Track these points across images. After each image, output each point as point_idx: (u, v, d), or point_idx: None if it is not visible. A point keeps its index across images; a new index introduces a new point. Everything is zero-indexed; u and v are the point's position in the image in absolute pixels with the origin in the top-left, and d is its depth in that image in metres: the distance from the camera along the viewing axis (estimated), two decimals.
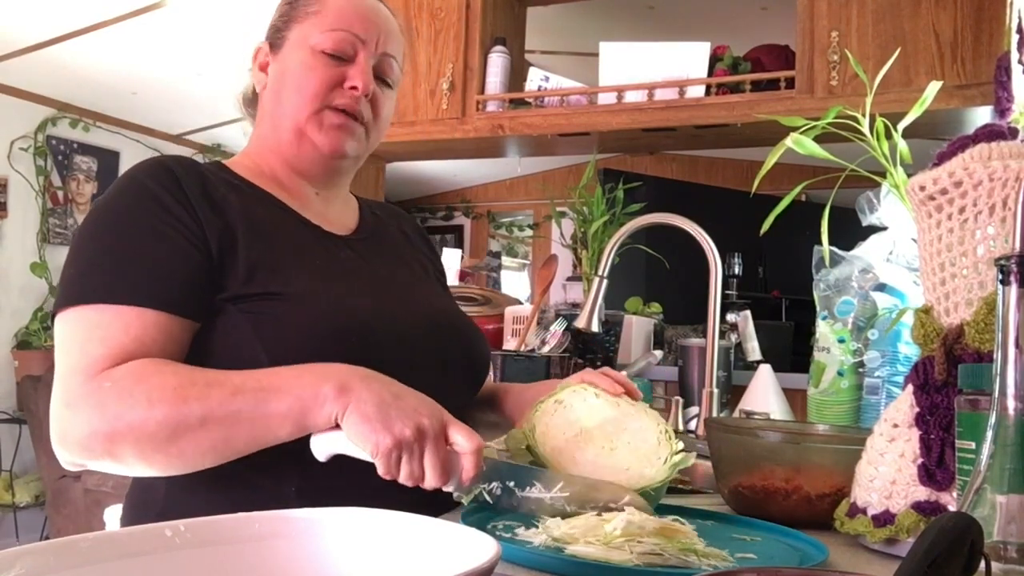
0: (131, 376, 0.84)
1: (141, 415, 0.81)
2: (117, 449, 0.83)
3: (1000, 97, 1.68)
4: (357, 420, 0.80)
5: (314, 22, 1.05)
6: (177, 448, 0.83)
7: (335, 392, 0.81)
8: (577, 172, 4.62)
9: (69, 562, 0.51)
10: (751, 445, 1.03)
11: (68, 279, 0.92)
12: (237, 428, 0.82)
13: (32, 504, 4.23)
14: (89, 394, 0.83)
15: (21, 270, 4.41)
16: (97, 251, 0.93)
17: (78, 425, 0.83)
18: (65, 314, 0.89)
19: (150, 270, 0.91)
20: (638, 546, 0.75)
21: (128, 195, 0.96)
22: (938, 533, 0.42)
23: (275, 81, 1.07)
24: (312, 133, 1.05)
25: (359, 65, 1.05)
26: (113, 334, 0.87)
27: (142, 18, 3.47)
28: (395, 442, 0.79)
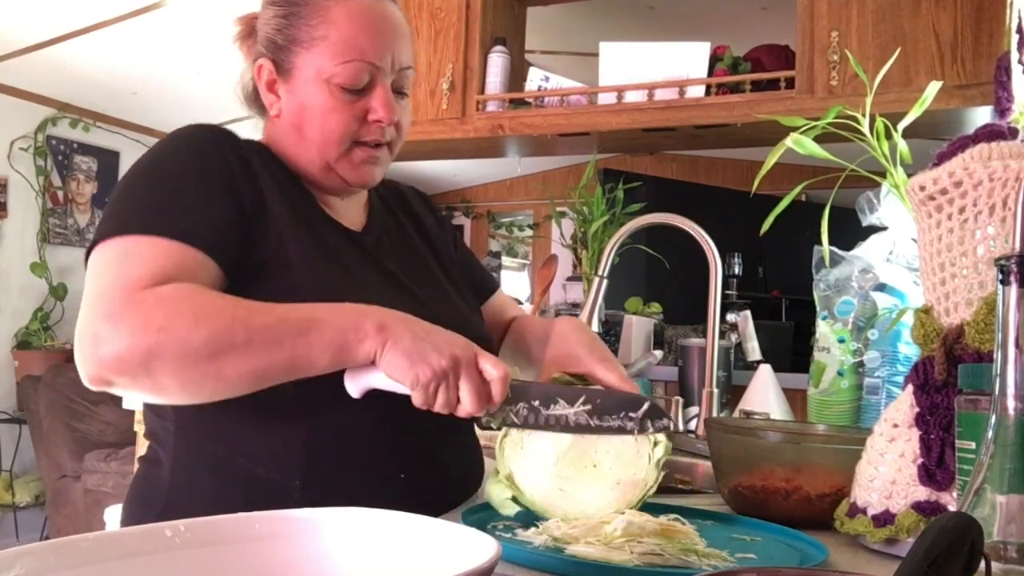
0: (177, 293, 0.84)
1: (186, 330, 0.81)
2: (155, 365, 0.81)
3: (1000, 97, 1.68)
4: (396, 356, 0.84)
5: (324, 51, 1.00)
6: (216, 368, 0.82)
7: (374, 330, 0.84)
8: (577, 172, 4.62)
9: (69, 562, 0.51)
10: (751, 445, 1.03)
11: (107, 216, 0.91)
12: (278, 353, 0.83)
13: (32, 504, 4.23)
14: (133, 307, 0.82)
15: (21, 270, 4.41)
16: (138, 190, 0.93)
17: (117, 337, 0.81)
18: (103, 245, 0.88)
19: (189, 209, 0.91)
20: (638, 546, 0.75)
21: (171, 145, 0.97)
22: (938, 533, 0.42)
23: (292, 115, 1.03)
24: (341, 170, 1.03)
25: (380, 96, 1.02)
26: (153, 259, 0.86)
27: (142, 18, 3.47)
28: (433, 373, 0.83)
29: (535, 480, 0.88)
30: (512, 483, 0.89)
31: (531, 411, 0.88)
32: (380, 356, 0.84)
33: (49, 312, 4.49)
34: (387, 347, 0.84)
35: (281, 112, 1.05)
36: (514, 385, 0.89)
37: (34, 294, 4.46)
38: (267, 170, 1.00)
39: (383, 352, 0.84)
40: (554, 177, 6.07)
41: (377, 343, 0.84)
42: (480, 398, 0.86)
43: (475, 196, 6.74)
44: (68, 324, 4.54)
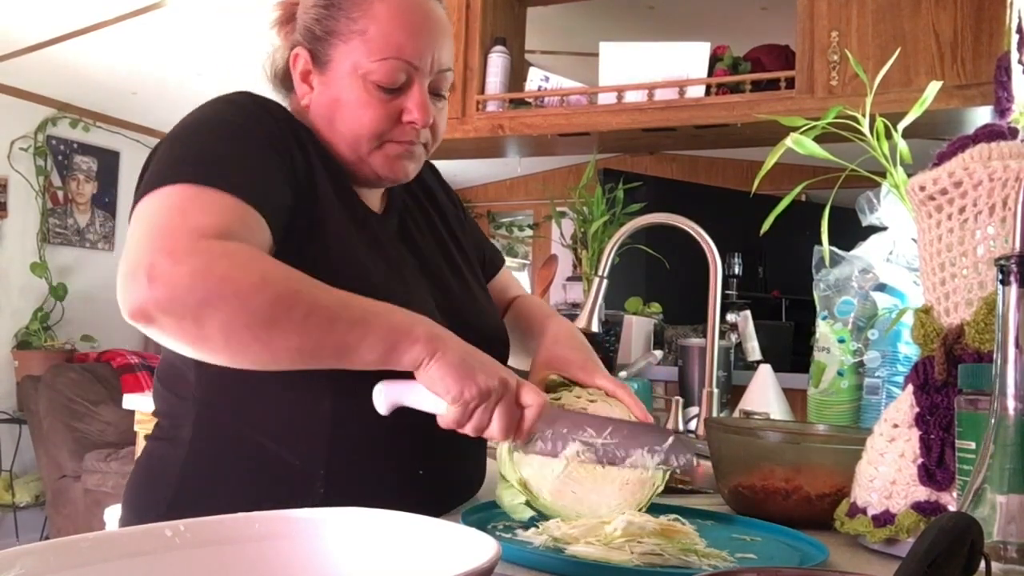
0: (246, 252, 0.81)
1: (250, 286, 0.78)
2: (207, 313, 0.77)
3: (1000, 97, 1.68)
4: (444, 368, 0.83)
5: (362, 45, 0.97)
6: (268, 334, 0.79)
7: (426, 338, 0.83)
8: (577, 172, 4.62)
9: (69, 562, 0.51)
10: (751, 445, 1.03)
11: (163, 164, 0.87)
12: (331, 336, 0.81)
13: (32, 504, 4.23)
14: (201, 250, 0.78)
15: (21, 270, 4.41)
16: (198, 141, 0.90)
17: (178, 275, 0.76)
18: (157, 192, 0.84)
19: (251, 171, 0.88)
20: (638, 546, 0.75)
21: (228, 107, 0.94)
22: (938, 533, 0.42)
23: (324, 106, 1.01)
24: (374, 163, 1.01)
25: (415, 97, 0.99)
26: (218, 210, 0.83)
27: (142, 18, 3.47)
28: (479, 391, 0.83)
29: (547, 483, 0.89)
30: (526, 488, 0.89)
31: (558, 439, 0.89)
32: (427, 364, 0.83)
33: (49, 312, 4.49)
34: (436, 357, 0.83)
35: (312, 103, 1.02)
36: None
37: (34, 294, 4.46)
38: (314, 147, 0.99)
39: (431, 361, 0.83)
40: (554, 177, 6.07)
41: (427, 351, 0.83)
42: (511, 428, 0.86)
43: (475, 196, 6.74)
44: (68, 324, 4.54)
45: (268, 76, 1.10)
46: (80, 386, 3.99)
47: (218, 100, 0.96)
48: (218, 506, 0.65)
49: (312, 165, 0.96)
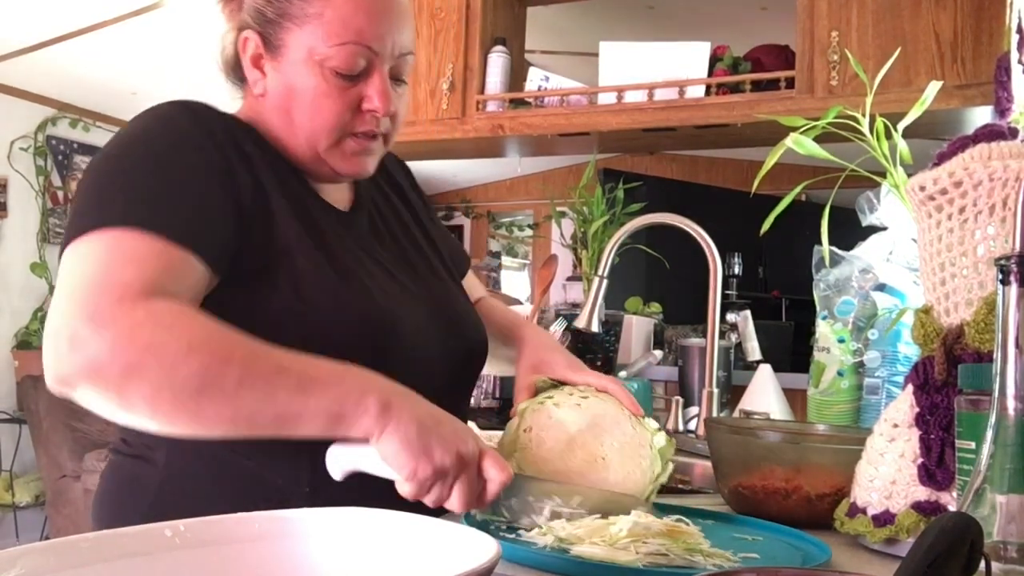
0: (171, 313, 0.76)
1: (175, 356, 0.73)
2: (131, 385, 0.73)
3: (1000, 97, 1.68)
4: (397, 444, 0.76)
5: (317, 30, 0.91)
6: (197, 405, 0.74)
7: (377, 408, 0.76)
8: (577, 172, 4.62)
9: (69, 562, 0.51)
10: (751, 445, 1.03)
11: (88, 207, 0.83)
12: (267, 407, 0.76)
13: (32, 504, 4.23)
14: (122, 315, 0.74)
15: (21, 270, 4.41)
16: (124, 179, 0.84)
17: (99, 344, 0.73)
18: (82, 239, 0.79)
19: (184, 206, 0.83)
20: (643, 547, 0.75)
21: (156, 129, 0.88)
22: (938, 533, 0.42)
23: (279, 96, 0.95)
24: (332, 160, 0.96)
25: (376, 84, 0.94)
26: (142, 259, 0.78)
27: (142, 18, 3.47)
28: (434, 471, 0.76)
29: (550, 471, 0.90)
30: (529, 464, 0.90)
31: (523, 506, 0.85)
32: (378, 438, 0.77)
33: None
34: (388, 430, 0.76)
35: (266, 91, 0.96)
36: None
37: (34, 294, 4.46)
38: (262, 155, 0.93)
39: (381, 435, 0.77)
40: (554, 177, 6.07)
41: (377, 425, 0.76)
42: (471, 502, 0.80)
43: (475, 196, 6.74)
44: None
45: (219, 67, 1.03)
46: None
47: (149, 118, 0.90)
48: None
49: (260, 180, 0.91)
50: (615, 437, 0.92)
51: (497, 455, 0.82)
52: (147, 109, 0.92)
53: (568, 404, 0.95)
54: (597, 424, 0.93)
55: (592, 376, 1.00)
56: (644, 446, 0.93)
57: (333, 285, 0.90)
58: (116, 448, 0.97)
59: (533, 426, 0.94)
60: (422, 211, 1.17)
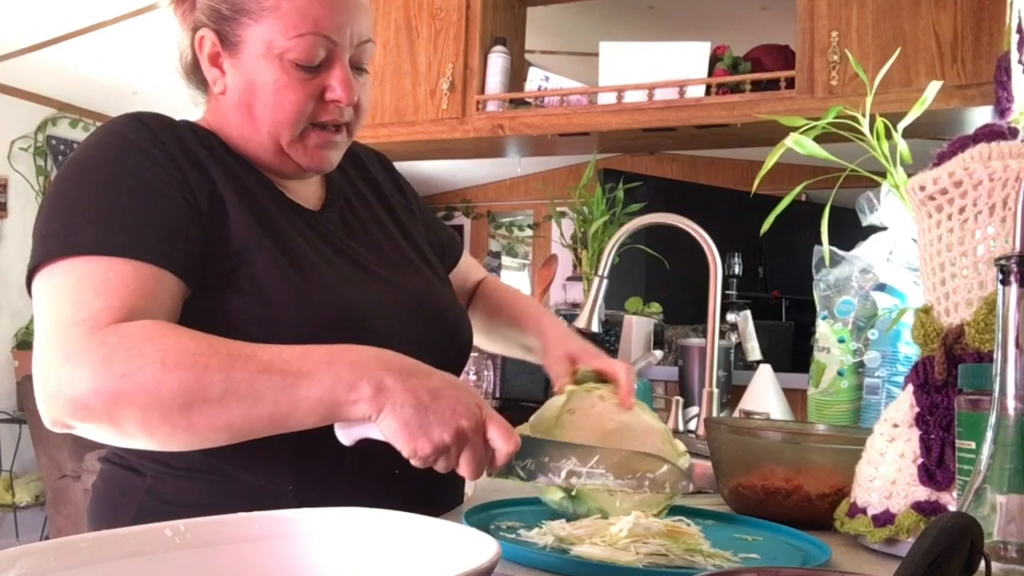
0: (142, 334, 0.76)
1: (154, 377, 0.73)
2: (119, 412, 0.74)
3: (1000, 97, 1.68)
4: (395, 426, 0.76)
5: (275, 23, 0.90)
6: (188, 420, 0.75)
7: (371, 392, 0.76)
8: (577, 172, 4.62)
9: (69, 562, 0.51)
10: (751, 445, 1.03)
11: (49, 233, 0.83)
12: (259, 410, 0.75)
13: (32, 504, 4.23)
14: (94, 348, 0.75)
15: (21, 270, 4.35)
16: (82, 202, 0.84)
17: (78, 380, 0.74)
18: (50, 268, 0.81)
19: (146, 222, 0.83)
20: (644, 547, 0.75)
21: (109, 146, 0.88)
22: (938, 533, 0.42)
23: (240, 92, 0.94)
24: (294, 154, 0.95)
25: (338, 73, 0.93)
26: (111, 286, 0.78)
27: (142, 18, 3.47)
28: (433, 449, 0.76)
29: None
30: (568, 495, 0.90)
31: (539, 467, 0.84)
32: (375, 420, 0.77)
33: None
34: (384, 412, 0.76)
35: (226, 89, 0.95)
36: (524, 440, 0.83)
37: None
38: (217, 161, 0.93)
39: (378, 417, 0.76)
40: (554, 177, 6.07)
41: (372, 408, 0.76)
42: (480, 468, 0.80)
43: (475, 196, 6.74)
44: None
45: (179, 71, 1.03)
46: None
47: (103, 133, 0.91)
48: None
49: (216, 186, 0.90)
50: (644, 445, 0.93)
51: (503, 423, 0.81)
52: (102, 125, 0.93)
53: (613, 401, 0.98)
54: (632, 428, 0.95)
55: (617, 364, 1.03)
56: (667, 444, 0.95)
57: (296, 285, 0.89)
58: (106, 457, 0.97)
59: (577, 409, 0.96)
60: (400, 204, 1.15)
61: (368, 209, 1.09)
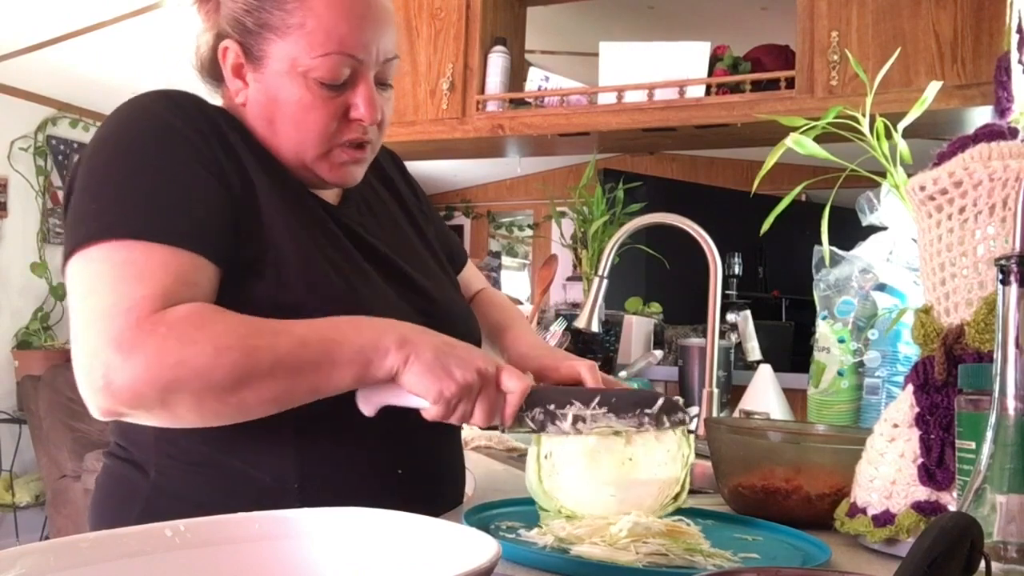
0: (189, 321, 0.78)
1: (207, 362, 0.77)
2: (173, 398, 0.77)
3: (1000, 97, 1.68)
4: (420, 370, 0.82)
5: (300, 40, 0.90)
6: (238, 397, 0.79)
7: (396, 345, 0.82)
8: (577, 172, 4.62)
9: (69, 562, 0.51)
10: (751, 445, 1.03)
11: (86, 214, 0.83)
12: (301, 379, 0.80)
13: (32, 504, 4.23)
14: (144, 338, 0.76)
15: (21, 270, 4.41)
16: (118, 183, 0.84)
17: (131, 370, 0.75)
18: (86, 252, 0.80)
19: (183, 207, 0.83)
20: (644, 547, 0.75)
21: (143, 126, 0.87)
22: (938, 533, 0.42)
23: (261, 106, 0.93)
24: (319, 170, 0.95)
25: (363, 92, 0.93)
26: (151, 272, 0.79)
27: (142, 18, 3.47)
28: (458, 388, 0.82)
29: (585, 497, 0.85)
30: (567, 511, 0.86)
31: (547, 415, 0.87)
32: (403, 371, 0.82)
33: (49, 312, 4.49)
34: (409, 361, 0.82)
35: (248, 101, 0.95)
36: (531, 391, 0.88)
37: (34, 294, 4.46)
38: (247, 146, 0.92)
39: (405, 367, 0.82)
40: (554, 177, 6.07)
41: (399, 358, 0.82)
42: (493, 414, 0.85)
43: (475, 196, 6.74)
44: (68, 324, 4.52)
45: (194, 67, 1.01)
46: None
47: (132, 109, 0.89)
48: None
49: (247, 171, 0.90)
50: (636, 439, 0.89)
51: (513, 369, 0.87)
52: (128, 101, 0.90)
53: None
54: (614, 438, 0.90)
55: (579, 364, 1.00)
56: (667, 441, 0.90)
57: (319, 278, 0.90)
58: (110, 452, 0.97)
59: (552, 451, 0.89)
60: (413, 204, 1.16)
61: (384, 207, 1.10)
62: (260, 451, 0.88)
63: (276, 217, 0.90)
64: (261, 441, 0.88)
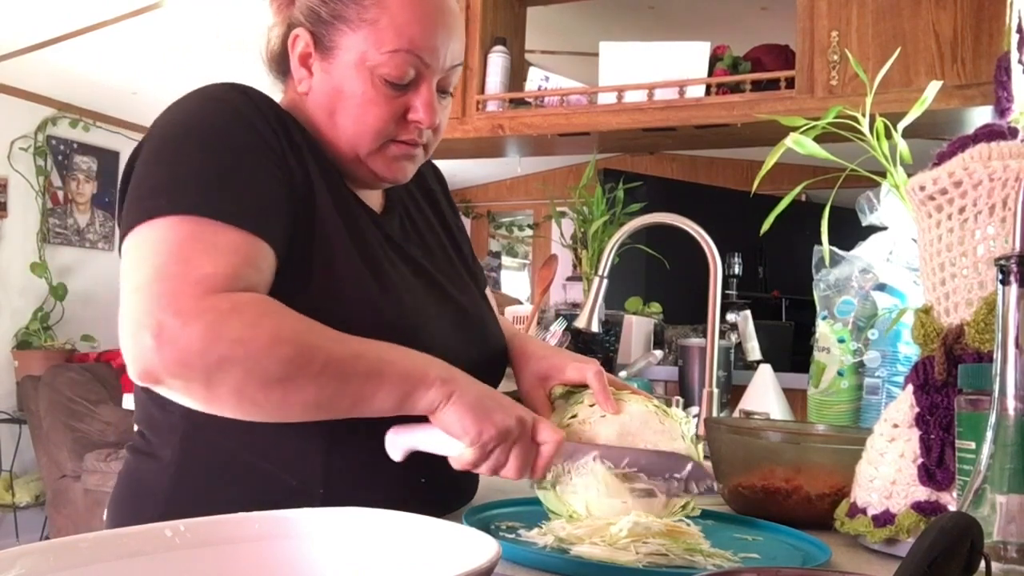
0: (255, 307, 0.78)
1: (263, 347, 0.76)
2: (219, 376, 0.76)
3: (1000, 97, 1.68)
4: (461, 410, 0.81)
5: (371, 35, 0.91)
6: (282, 391, 0.77)
7: (440, 380, 0.82)
8: (577, 172, 4.62)
9: (69, 562, 0.51)
10: (751, 445, 1.03)
11: (153, 188, 0.82)
12: (346, 389, 0.79)
13: (32, 504, 4.23)
14: (208, 310, 0.75)
15: (21, 270, 4.41)
16: (188, 162, 0.84)
17: (187, 338, 0.74)
18: (156, 222, 0.79)
19: (251, 193, 0.84)
20: (644, 547, 0.75)
21: (212, 111, 0.88)
22: (938, 533, 0.42)
23: (325, 96, 0.95)
24: (372, 164, 0.96)
25: (424, 96, 0.94)
26: (223, 251, 0.79)
27: (142, 18, 3.47)
28: (497, 432, 0.81)
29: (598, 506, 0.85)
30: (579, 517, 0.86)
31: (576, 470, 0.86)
32: (443, 407, 0.81)
33: (49, 312, 4.49)
34: (452, 399, 0.81)
35: (311, 90, 0.96)
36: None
37: (34, 294, 4.46)
38: (309, 147, 0.94)
39: (447, 404, 0.81)
40: (554, 177, 6.07)
41: (442, 393, 0.81)
42: (527, 466, 0.84)
43: (475, 196, 6.74)
44: (68, 324, 4.54)
45: (263, 58, 1.03)
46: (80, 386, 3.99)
47: (203, 97, 0.90)
48: None
49: (308, 169, 0.91)
50: (647, 439, 0.89)
51: (549, 422, 0.86)
52: (196, 90, 0.91)
53: (593, 419, 0.92)
54: (627, 432, 0.90)
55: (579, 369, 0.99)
56: (677, 438, 0.90)
57: (365, 282, 0.90)
58: (132, 445, 0.97)
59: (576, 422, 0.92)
60: (451, 219, 1.17)
61: (424, 218, 1.11)
62: (290, 454, 0.87)
63: (330, 217, 0.91)
64: (293, 444, 0.87)
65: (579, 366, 1.00)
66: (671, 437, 0.90)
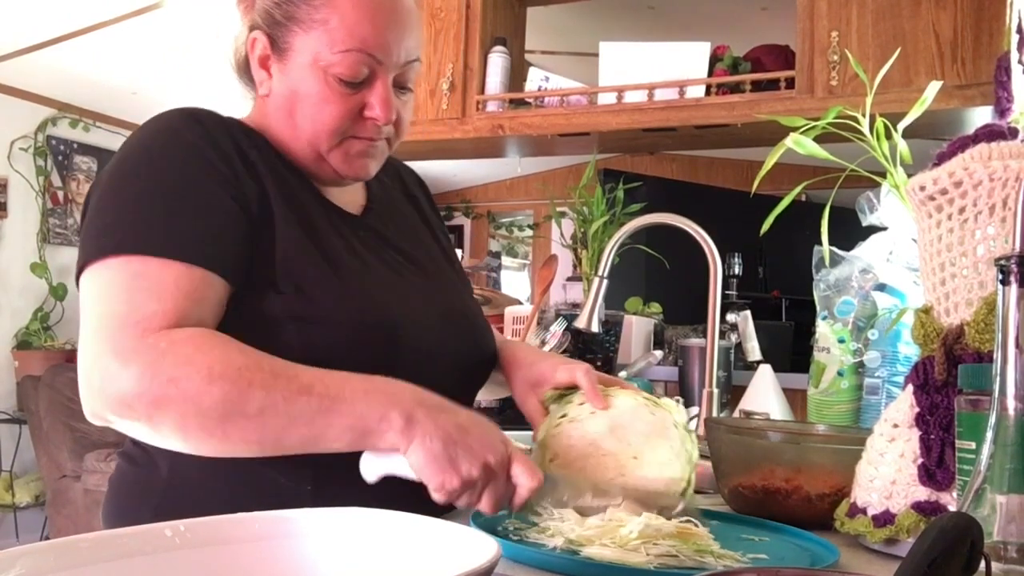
0: (192, 343, 0.79)
1: (198, 387, 0.76)
2: (159, 415, 0.77)
3: (1000, 97, 1.68)
4: (423, 458, 0.78)
5: (323, 36, 0.92)
6: (223, 431, 0.78)
7: (402, 422, 0.79)
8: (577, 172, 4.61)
9: (69, 562, 0.51)
10: (751, 445, 1.03)
11: (103, 227, 0.85)
12: (293, 428, 0.78)
13: (32, 504, 4.23)
14: (144, 350, 0.78)
15: (21, 270, 4.41)
16: (137, 199, 0.86)
17: (126, 379, 0.77)
18: (102, 264, 0.83)
19: (198, 225, 0.85)
20: (654, 548, 0.75)
21: (165, 145, 0.90)
22: (938, 533, 0.42)
23: (282, 97, 0.96)
24: (333, 161, 0.97)
25: (379, 92, 0.95)
26: (164, 288, 0.81)
27: (142, 18, 3.47)
28: (461, 483, 0.78)
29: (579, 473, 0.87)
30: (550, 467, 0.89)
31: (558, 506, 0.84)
32: (405, 451, 0.79)
33: (49, 312, 4.49)
34: (414, 444, 0.78)
35: (271, 92, 0.98)
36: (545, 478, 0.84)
37: (34, 294, 4.46)
38: (266, 162, 0.95)
39: (408, 448, 0.79)
40: (554, 177, 6.06)
41: (402, 439, 0.78)
42: (501, 505, 0.82)
43: (475, 196, 6.73)
44: (68, 324, 4.54)
45: (232, 67, 1.04)
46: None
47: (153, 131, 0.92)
48: None
49: (264, 187, 0.92)
50: (638, 430, 0.89)
51: (527, 460, 0.83)
52: (152, 118, 0.93)
53: (583, 416, 0.92)
54: (617, 425, 0.90)
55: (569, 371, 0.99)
56: (669, 427, 0.90)
57: (334, 287, 0.91)
58: (123, 451, 0.98)
59: (558, 453, 0.91)
60: (436, 225, 1.18)
61: (405, 220, 1.12)
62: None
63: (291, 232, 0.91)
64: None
65: (568, 368, 1.00)
66: (663, 427, 0.90)
